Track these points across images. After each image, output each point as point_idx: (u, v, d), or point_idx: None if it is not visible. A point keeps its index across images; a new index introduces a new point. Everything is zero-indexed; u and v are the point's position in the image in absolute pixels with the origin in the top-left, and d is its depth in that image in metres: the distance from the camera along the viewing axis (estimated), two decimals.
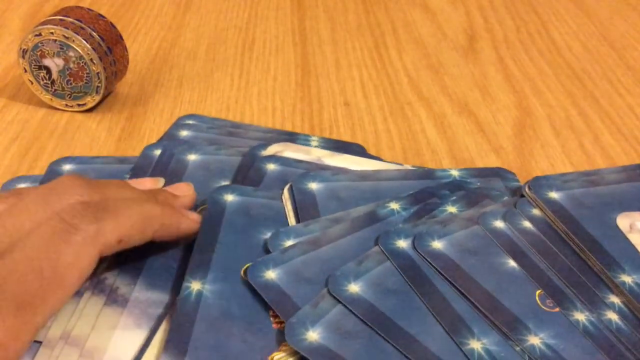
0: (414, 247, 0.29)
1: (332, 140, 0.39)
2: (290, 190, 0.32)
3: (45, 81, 0.40)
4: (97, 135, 0.39)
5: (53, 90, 0.40)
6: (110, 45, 0.39)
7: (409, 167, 0.36)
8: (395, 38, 0.52)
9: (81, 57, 0.38)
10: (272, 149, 0.36)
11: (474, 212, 0.32)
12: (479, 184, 0.34)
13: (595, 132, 0.41)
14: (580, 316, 0.27)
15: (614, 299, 0.27)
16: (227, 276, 0.28)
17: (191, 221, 0.29)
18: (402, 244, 0.29)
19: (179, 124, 0.40)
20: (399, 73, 0.47)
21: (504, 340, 0.25)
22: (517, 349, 0.25)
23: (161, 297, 0.27)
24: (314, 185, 0.33)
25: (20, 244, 0.23)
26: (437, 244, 0.29)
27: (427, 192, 0.33)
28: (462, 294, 0.27)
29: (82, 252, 0.24)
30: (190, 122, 0.40)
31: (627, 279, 0.28)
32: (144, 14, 0.54)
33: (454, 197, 0.33)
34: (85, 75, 0.39)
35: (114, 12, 0.54)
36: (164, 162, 0.35)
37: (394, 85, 0.46)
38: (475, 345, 0.25)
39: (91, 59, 0.38)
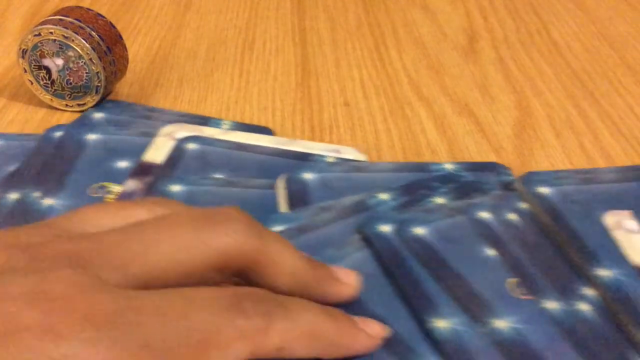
0: (396, 232, 0.29)
1: (242, 124, 0.40)
2: (285, 181, 0.33)
3: (45, 81, 0.40)
4: None
5: (53, 90, 0.40)
6: (110, 45, 0.39)
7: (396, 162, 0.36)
8: (395, 38, 0.52)
9: (80, 56, 0.38)
10: (166, 130, 0.37)
11: (462, 203, 0.32)
12: (472, 177, 0.34)
13: (595, 132, 0.41)
14: (552, 304, 0.27)
15: (588, 291, 0.28)
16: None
17: (369, 340, 0.24)
18: (385, 228, 0.30)
19: (94, 107, 0.40)
20: (399, 73, 0.47)
21: (472, 321, 0.26)
22: (483, 330, 0.25)
23: None
24: (309, 176, 0.33)
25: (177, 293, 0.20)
26: (419, 230, 0.30)
27: (418, 184, 0.33)
28: (435, 276, 0.27)
29: (236, 345, 0.20)
30: (108, 105, 0.41)
31: (604, 272, 0.28)
32: (144, 14, 0.54)
33: (445, 189, 0.33)
34: (84, 75, 0.39)
35: (114, 12, 0.54)
36: (63, 142, 0.36)
37: (394, 85, 0.46)
38: (441, 324, 0.25)
39: (90, 59, 0.38)
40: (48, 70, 0.39)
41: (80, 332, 0.17)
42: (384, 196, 0.32)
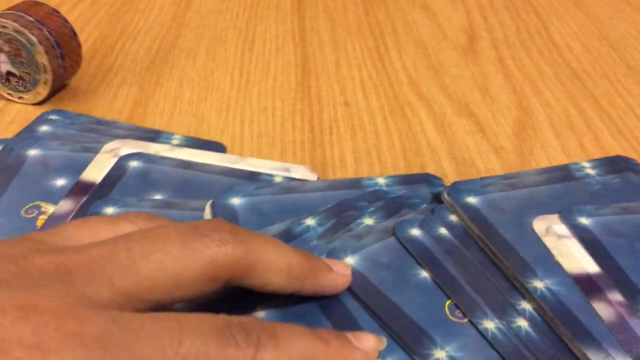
0: None
1: (194, 138, 0.38)
2: (212, 207, 0.31)
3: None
4: None
5: (3, 81, 0.41)
6: (59, 40, 0.40)
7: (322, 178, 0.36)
8: (395, 38, 0.52)
9: (28, 49, 0.39)
10: (109, 146, 0.35)
11: (391, 222, 0.31)
12: (404, 191, 0.33)
13: (595, 132, 0.41)
14: (490, 324, 0.26)
15: (525, 305, 0.27)
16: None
17: (364, 357, 0.23)
18: None
19: (40, 119, 0.39)
20: (399, 73, 0.47)
21: (410, 357, 0.24)
22: None
23: None
24: (236, 201, 0.31)
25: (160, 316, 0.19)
26: (350, 260, 0.28)
27: (344, 205, 0.32)
28: (369, 309, 0.26)
29: None
30: (53, 117, 0.39)
31: (538, 284, 0.27)
32: (144, 14, 0.54)
33: (373, 208, 0.31)
34: (32, 68, 0.40)
35: (113, 12, 0.54)
36: (1, 158, 0.34)
37: (394, 85, 0.46)
38: None
39: (38, 52, 0.39)
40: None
41: (70, 350, 0.17)
42: (310, 222, 0.30)
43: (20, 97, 0.41)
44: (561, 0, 0.58)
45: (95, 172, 0.33)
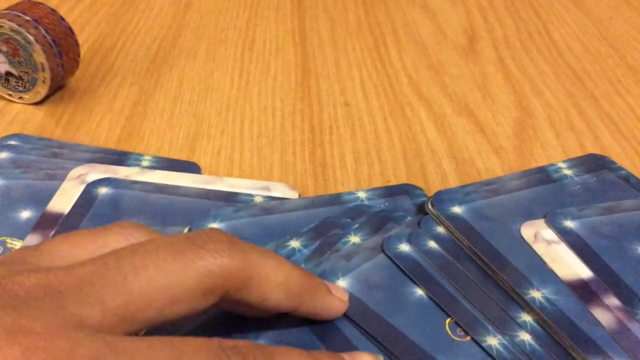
0: None
1: (166, 159, 0.37)
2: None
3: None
4: (96, 135, 0.39)
5: (2, 81, 0.41)
6: (57, 39, 0.40)
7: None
8: (395, 38, 0.52)
9: (25, 49, 0.39)
10: (75, 172, 0.33)
11: (378, 238, 0.30)
12: (386, 204, 0.32)
13: (595, 132, 0.41)
14: (493, 341, 0.25)
15: (525, 317, 0.26)
16: None
17: None
18: None
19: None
20: (399, 73, 0.47)
21: None
22: None
23: None
24: (214, 226, 0.30)
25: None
26: (342, 283, 0.27)
27: (327, 224, 0.31)
28: (368, 334, 0.25)
29: None
30: (13, 142, 0.37)
31: (536, 294, 0.27)
32: (144, 14, 0.54)
33: (357, 225, 0.31)
34: (30, 67, 0.40)
35: (113, 12, 0.54)
36: None
37: (394, 85, 0.46)
38: None
39: (36, 51, 0.39)
40: None
41: None
42: (294, 244, 0.29)
43: (20, 98, 0.41)
44: (561, 0, 0.58)
45: (63, 201, 0.31)
